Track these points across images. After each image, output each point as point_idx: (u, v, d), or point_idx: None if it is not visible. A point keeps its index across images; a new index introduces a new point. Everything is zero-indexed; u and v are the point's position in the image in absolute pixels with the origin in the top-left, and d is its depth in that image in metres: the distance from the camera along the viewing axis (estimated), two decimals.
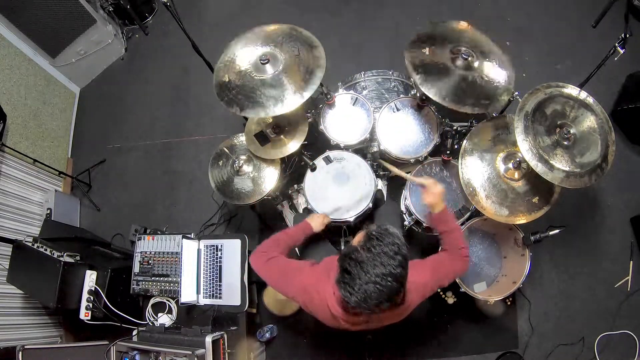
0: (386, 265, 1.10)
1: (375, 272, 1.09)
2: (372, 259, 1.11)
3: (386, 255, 1.11)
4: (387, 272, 1.10)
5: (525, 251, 1.96)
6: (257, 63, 1.89)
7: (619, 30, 1.79)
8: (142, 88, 3.43)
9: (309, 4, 3.31)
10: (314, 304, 1.38)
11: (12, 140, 2.74)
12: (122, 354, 1.86)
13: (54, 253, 2.12)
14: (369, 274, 1.09)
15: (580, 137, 1.69)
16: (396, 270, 1.11)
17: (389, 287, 1.10)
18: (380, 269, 1.10)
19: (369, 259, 1.11)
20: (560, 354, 2.32)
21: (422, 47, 1.86)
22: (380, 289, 1.09)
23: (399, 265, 1.11)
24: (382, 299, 1.11)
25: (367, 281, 1.09)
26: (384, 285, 1.09)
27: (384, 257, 1.11)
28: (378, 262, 1.10)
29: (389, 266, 1.10)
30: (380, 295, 1.10)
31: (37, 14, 2.86)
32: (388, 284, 1.10)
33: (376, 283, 1.09)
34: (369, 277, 1.09)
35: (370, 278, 1.09)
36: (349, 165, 2.11)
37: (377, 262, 1.10)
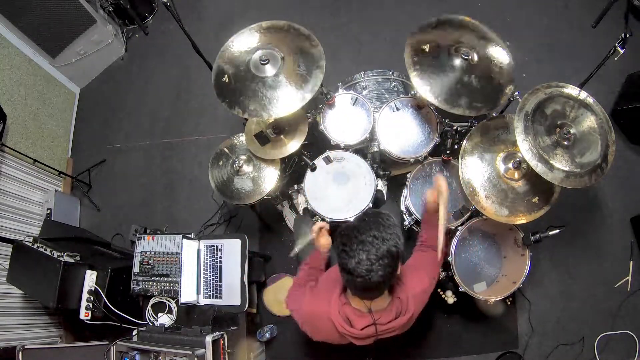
0: (381, 229, 1.17)
1: (371, 233, 1.16)
2: (368, 224, 1.18)
3: (381, 224, 1.18)
4: (381, 234, 1.16)
5: (525, 251, 1.96)
6: (257, 63, 1.89)
7: (619, 30, 1.79)
8: (142, 88, 3.43)
9: (309, 4, 3.31)
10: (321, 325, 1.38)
11: (12, 140, 2.74)
12: (122, 354, 1.86)
13: (54, 253, 2.12)
14: (364, 235, 1.16)
15: (580, 137, 1.69)
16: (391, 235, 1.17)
17: (384, 247, 1.14)
18: (375, 231, 1.16)
19: (365, 224, 1.19)
20: (560, 354, 2.32)
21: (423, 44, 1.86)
22: (377, 247, 1.14)
23: (393, 233, 1.18)
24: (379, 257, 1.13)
25: (364, 240, 1.15)
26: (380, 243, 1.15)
27: (380, 225, 1.18)
28: (374, 227, 1.17)
29: (384, 231, 1.17)
30: (377, 253, 1.13)
31: (37, 14, 2.86)
32: (384, 245, 1.15)
33: (372, 242, 1.14)
34: (364, 237, 1.15)
35: (366, 238, 1.15)
36: (349, 165, 2.11)
37: (373, 227, 1.17)
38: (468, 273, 2.08)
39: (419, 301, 1.38)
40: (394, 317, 1.30)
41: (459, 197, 2.06)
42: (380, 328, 1.31)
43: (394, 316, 1.30)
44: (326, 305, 1.34)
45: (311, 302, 1.42)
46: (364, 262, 1.13)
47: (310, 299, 1.43)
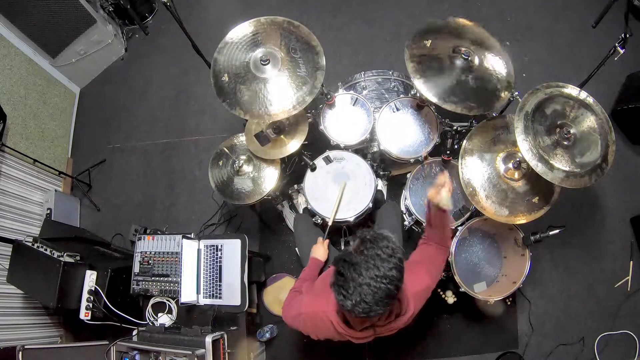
0: (380, 267, 1.09)
1: (369, 275, 1.08)
2: (366, 262, 1.10)
3: (379, 257, 1.10)
4: (381, 275, 1.08)
5: (525, 251, 1.96)
6: (257, 63, 1.89)
7: (619, 30, 1.79)
8: (142, 88, 3.43)
9: (308, 4, 3.31)
10: (321, 326, 1.38)
11: (12, 140, 2.74)
12: (122, 354, 1.86)
13: (54, 253, 2.12)
14: (362, 276, 1.08)
15: (580, 137, 1.69)
16: (390, 273, 1.09)
17: (383, 289, 1.08)
18: (374, 271, 1.08)
19: (363, 261, 1.10)
20: (560, 354, 2.32)
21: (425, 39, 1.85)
22: (375, 291, 1.08)
23: (393, 268, 1.10)
24: (377, 301, 1.09)
25: (361, 283, 1.08)
26: (378, 287, 1.08)
27: (378, 260, 1.10)
28: (372, 264, 1.09)
29: (383, 268, 1.09)
30: (375, 297, 1.08)
31: (37, 14, 2.86)
32: (382, 286, 1.08)
33: (370, 285, 1.08)
34: (362, 280, 1.08)
35: (363, 280, 1.08)
36: (349, 165, 2.11)
37: (371, 265, 1.09)
38: (468, 273, 2.08)
39: (420, 298, 1.38)
40: (393, 319, 1.30)
41: (459, 197, 2.06)
42: (379, 330, 1.31)
43: (393, 317, 1.30)
44: (325, 305, 1.34)
45: (310, 302, 1.42)
46: (361, 305, 1.09)
47: (309, 298, 1.44)
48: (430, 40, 1.85)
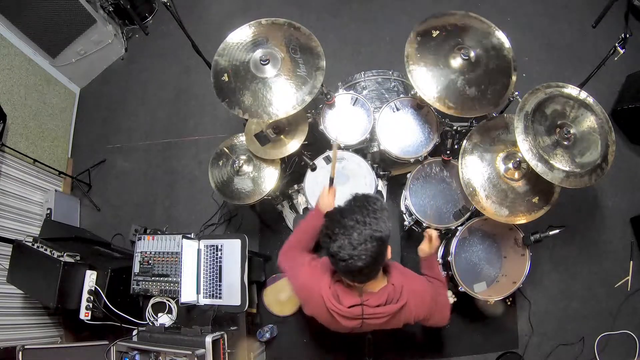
0: (365, 214, 1.15)
1: (354, 218, 1.15)
2: (352, 211, 1.17)
3: (365, 207, 1.17)
4: (367, 220, 1.14)
5: (525, 251, 1.96)
6: (257, 63, 1.89)
7: (619, 30, 1.79)
8: (142, 88, 3.43)
9: (308, 4, 3.31)
10: (312, 300, 1.38)
11: (12, 140, 2.74)
12: (122, 354, 1.86)
13: (54, 253, 2.12)
14: (346, 220, 1.15)
15: (580, 137, 1.69)
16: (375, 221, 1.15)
17: (367, 232, 1.13)
18: (359, 216, 1.15)
19: (349, 210, 1.18)
20: (560, 354, 2.32)
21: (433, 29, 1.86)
22: (359, 233, 1.13)
23: (377, 218, 1.16)
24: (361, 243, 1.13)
25: (345, 225, 1.14)
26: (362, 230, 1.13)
27: (364, 209, 1.16)
28: (357, 212, 1.16)
29: (369, 217, 1.15)
30: (359, 239, 1.13)
31: (37, 14, 2.86)
32: (367, 229, 1.13)
33: (354, 227, 1.13)
34: (346, 222, 1.14)
35: (347, 223, 1.14)
36: (349, 165, 2.11)
37: (356, 212, 1.16)
38: (468, 273, 2.08)
39: (416, 297, 1.37)
40: (384, 302, 1.30)
41: (459, 197, 2.07)
42: (368, 310, 1.30)
43: (383, 301, 1.30)
44: (319, 279, 1.35)
45: (308, 274, 1.42)
46: (346, 247, 1.14)
47: (308, 270, 1.43)
48: (438, 32, 1.85)
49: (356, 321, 1.34)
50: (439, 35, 1.85)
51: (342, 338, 2.23)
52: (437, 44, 1.84)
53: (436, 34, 1.85)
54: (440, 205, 2.06)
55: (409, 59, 1.81)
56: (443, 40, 1.85)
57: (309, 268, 1.44)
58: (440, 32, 1.85)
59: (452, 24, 1.88)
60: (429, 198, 2.09)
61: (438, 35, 1.85)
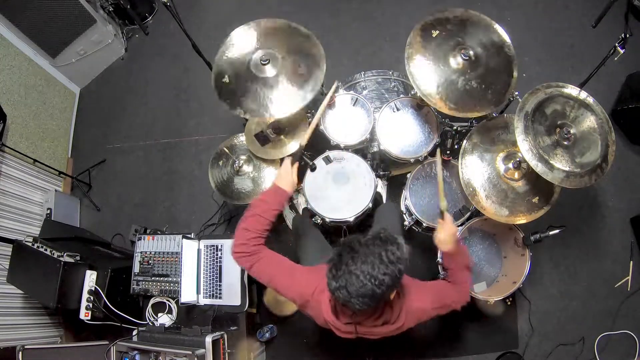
0: (375, 266, 1.09)
1: (362, 268, 1.09)
2: (365, 255, 1.10)
3: (380, 257, 1.10)
4: (373, 274, 1.08)
5: (525, 251, 1.96)
6: (257, 64, 1.89)
7: (619, 30, 1.79)
8: (142, 88, 3.43)
9: (308, 4, 3.31)
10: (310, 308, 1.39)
11: (12, 140, 2.74)
12: (122, 354, 1.86)
13: (54, 253, 2.12)
14: (355, 266, 1.09)
15: (580, 137, 1.69)
16: (383, 277, 1.09)
17: (369, 287, 1.08)
18: (369, 266, 1.09)
19: (363, 253, 1.11)
20: (560, 354, 2.32)
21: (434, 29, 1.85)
22: (360, 286, 1.08)
23: (387, 274, 1.09)
24: (359, 295, 1.09)
25: (351, 271, 1.09)
26: (364, 283, 1.08)
27: (377, 259, 1.10)
28: (370, 259, 1.09)
29: (378, 269, 1.09)
30: (358, 291, 1.09)
31: (37, 14, 2.86)
32: (369, 284, 1.08)
33: (358, 277, 1.08)
34: (354, 268, 1.09)
35: (355, 270, 1.09)
36: (349, 165, 2.11)
37: (369, 260, 1.09)
38: None
39: (413, 317, 1.35)
40: (380, 324, 1.28)
41: (459, 197, 2.06)
42: (362, 330, 1.29)
43: (379, 323, 1.28)
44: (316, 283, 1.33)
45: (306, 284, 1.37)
46: (342, 291, 1.10)
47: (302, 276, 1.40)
48: (438, 32, 1.85)
49: (350, 334, 1.34)
50: (439, 35, 1.85)
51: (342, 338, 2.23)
52: (437, 44, 1.84)
53: (436, 34, 1.85)
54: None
55: (409, 59, 1.81)
56: (443, 40, 1.85)
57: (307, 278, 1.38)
58: (440, 32, 1.85)
59: (452, 22, 1.88)
60: (429, 198, 2.09)
61: (438, 35, 1.85)
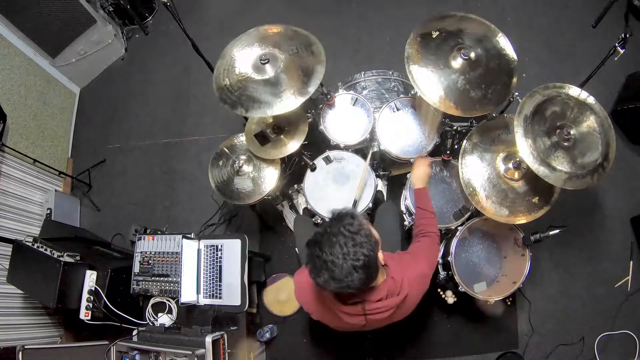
0: (343, 245, 1.12)
1: (331, 252, 1.12)
2: (329, 240, 1.14)
3: (342, 234, 1.13)
4: (344, 252, 1.11)
5: (525, 251, 1.96)
6: (257, 64, 1.89)
7: (619, 30, 1.79)
8: (142, 88, 3.43)
9: (308, 4, 3.31)
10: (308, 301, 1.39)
11: (12, 140, 2.74)
12: (122, 354, 1.86)
13: (54, 253, 2.12)
14: (325, 253, 1.12)
15: (581, 138, 1.69)
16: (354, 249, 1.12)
17: (348, 266, 1.11)
18: (336, 248, 1.12)
19: (327, 239, 1.14)
20: (560, 354, 2.32)
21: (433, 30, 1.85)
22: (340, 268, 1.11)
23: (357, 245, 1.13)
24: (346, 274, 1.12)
25: (325, 260, 1.12)
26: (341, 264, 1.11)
27: (340, 237, 1.13)
28: (334, 241, 1.13)
29: (346, 246, 1.12)
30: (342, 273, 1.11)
31: (37, 14, 2.86)
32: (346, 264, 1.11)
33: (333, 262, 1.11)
34: (326, 257, 1.12)
35: (327, 257, 1.12)
36: (349, 165, 2.11)
37: (334, 242, 1.13)
38: (468, 273, 2.07)
39: (417, 285, 1.37)
40: (385, 297, 1.30)
41: (459, 197, 2.06)
42: (370, 306, 1.30)
43: (384, 295, 1.29)
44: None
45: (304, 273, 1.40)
46: (330, 282, 1.13)
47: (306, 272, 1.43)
48: (438, 32, 1.85)
49: (360, 317, 1.33)
50: (439, 36, 1.85)
51: (342, 338, 2.24)
52: (437, 44, 1.84)
53: (436, 34, 1.85)
54: (440, 205, 2.06)
55: (409, 59, 1.81)
56: (443, 40, 1.85)
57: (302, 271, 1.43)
58: (441, 32, 1.85)
59: (452, 25, 1.88)
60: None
61: (438, 35, 1.85)
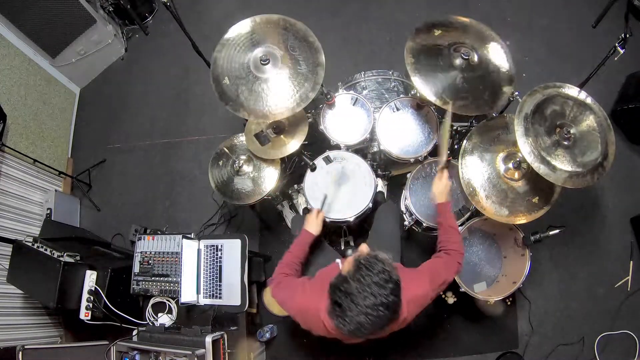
0: (377, 295, 1.09)
1: (365, 304, 1.08)
2: (362, 290, 1.09)
3: (377, 285, 1.10)
4: (378, 302, 1.09)
5: (525, 251, 1.96)
6: (257, 64, 1.89)
7: (619, 30, 1.79)
8: (142, 88, 3.43)
9: (308, 4, 3.31)
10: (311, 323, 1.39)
11: (12, 140, 2.74)
12: (122, 354, 1.86)
13: (54, 253, 2.12)
14: (359, 306, 1.08)
15: (580, 137, 1.69)
16: (388, 299, 1.10)
17: (381, 316, 1.09)
18: (371, 299, 1.08)
19: (359, 290, 1.10)
20: (560, 354, 2.32)
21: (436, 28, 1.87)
22: (373, 320, 1.09)
23: (390, 294, 1.10)
24: (376, 328, 1.11)
25: (359, 313, 1.09)
26: (375, 315, 1.09)
27: (375, 287, 1.10)
28: (368, 292, 1.09)
29: (380, 296, 1.09)
30: (374, 325, 1.10)
31: (37, 14, 2.86)
32: (380, 314, 1.09)
33: (367, 314, 1.08)
34: (359, 309, 1.08)
35: (361, 310, 1.08)
36: (349, 165, 2.11)
37: (368, 293, 1.09)
38: (468, 273, 2.08)
39: (415, 305, 1.36)
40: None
41: (459, 197, 2.06)
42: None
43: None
44: (317, 302, 1.33)
45: (304, 298, 1.40)
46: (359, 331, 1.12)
47: (302, 294, 1.42)
48: (440, 32, 1.86)
49: (359, 339, 1.34)
50: (440, 35, 1.85)
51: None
52: (437, 44, 1.84)
53: (438, 32, 1.85)
54: None
55: (409, 59, 1.81)
56: (443, 40, 1.85)
57: (303, 292, 1.42)
58: (443, 32, 1.86)
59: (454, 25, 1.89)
60: (429, 198, 2.09)
61: (439, 35, 1.85)
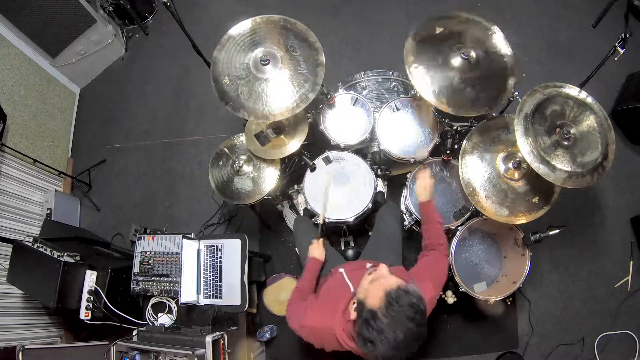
0: (407, 331, 1.12)
1: (397, 340, 1.12)
2: (395, 328, 1.12)
3: (407, 318, 1.13)
4: (409, 337, 1.12)
5: (525, 251, 1.96)
6: (257, 64, 1.89)
7: (619, 30, 1.79)
8: (142, 88, 3.43)
9: (308, 4, 3.31)
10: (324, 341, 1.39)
11: (12, 140, 2.74)
12: (122, 354, 1.86)
13: (54, 253, 2.12)
14: (390, 342, 1.12)
15: (580, 137, 1.69)
16: (419, 331, 1.14)
17: (412, 346, 1.13)
18: (402, 336, 1.12)
19: (390, 326, 1.13)
20: (560, 354, 2.32)
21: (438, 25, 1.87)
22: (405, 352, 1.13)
23: (419, 325, 1.14)
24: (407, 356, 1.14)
25: (390, 347, 1.12)
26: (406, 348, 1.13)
27: (406, 323, 1.13)
28: (400, 330, 1.12)
29: (411, 331, 1.12)
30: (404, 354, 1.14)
31: (37, 14, 2.86)
32: (410, 347, 1.13)
33: (399, 349, 1.12)
34: (390, 344, 1.12)
35: (392, 345, 1.12)
36: (349, 165, 2.11)
37: (400, 331, 1.12)
38: (468, 273, 2.08)
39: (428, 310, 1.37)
40: None
41: (459, 197, 2.07)
42: None
43: None
44: (330, 320, 1.34)
45: (314, 317, 1.41)
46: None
47: (312, 313, 1.42)
48: (442, 28, 1.85)
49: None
50: (440, 34, 1.85)
51: None
52: (437, 43, 1.84)
53: (439, 30, 1.85)
54: (440, 205, 2.06)
55: (409, 58, 1.81)
56: (443, 40, 1.85)
57: (312, 310, 1.43)
58: (444, 29, 1.86)
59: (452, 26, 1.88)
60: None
61: (439, 34, 1.85)
